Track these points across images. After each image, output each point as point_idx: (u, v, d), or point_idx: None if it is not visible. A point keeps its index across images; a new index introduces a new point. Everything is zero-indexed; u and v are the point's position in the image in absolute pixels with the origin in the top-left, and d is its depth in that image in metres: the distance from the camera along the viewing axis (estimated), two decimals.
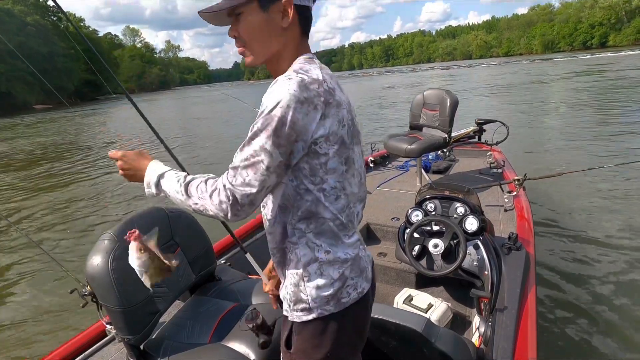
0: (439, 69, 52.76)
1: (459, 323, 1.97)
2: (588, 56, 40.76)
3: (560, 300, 2.58)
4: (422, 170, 3.39)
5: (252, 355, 1.29)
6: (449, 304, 1.94)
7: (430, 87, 3.53)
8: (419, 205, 2.10)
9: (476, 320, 1.70)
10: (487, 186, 2.99)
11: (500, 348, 1.35)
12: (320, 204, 0.81)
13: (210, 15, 0.81)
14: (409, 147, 3.07)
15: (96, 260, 1.26)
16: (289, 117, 0.71)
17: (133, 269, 1.32)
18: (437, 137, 3.22)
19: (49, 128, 19.89)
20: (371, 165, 3.93)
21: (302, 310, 0.86)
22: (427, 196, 2.11)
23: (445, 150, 3.89)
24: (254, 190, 0.76)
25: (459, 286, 2.16)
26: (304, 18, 0.84)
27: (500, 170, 3.36)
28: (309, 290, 0.85)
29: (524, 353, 1.33)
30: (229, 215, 0.79)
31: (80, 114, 28.68)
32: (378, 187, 3.42)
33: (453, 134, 3.65)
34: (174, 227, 1.53)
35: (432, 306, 1.87)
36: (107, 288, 1.24)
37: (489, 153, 3.65)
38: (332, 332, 0.86)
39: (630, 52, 36.86)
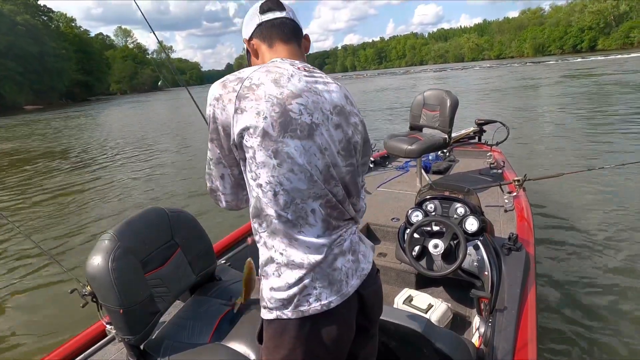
0: (432, 71, 52.63)
1: (459, 323, 1.97)
2: (579, 59, 40.98)
3: (560, 300, 2.58)
4: (422, 171, 3.39)
5: (252, 355, 1.29)
6: (449, 305, 1.94)
7: (430, 88, 3.53)
8: (419, 205, 2.09)
9: (476, 321, 1.70)
10: (487, 187, 2.99)
11: (500, 348, 1.35)
12: (261, 200, 0.83)
13: None
14: (409, 147, 3.07)
15: (96, 260, 1.25)
16: (212, 114, 0.83)
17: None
18: (437, 138, 3.22)
19: (46, 127, 19.90)
20: (371, 165, 3.93)
21: (264, 308, 0.87)
22: (427, 196, 2.11)
23: (445, 150, 3.90)
24: (209, 181, 0.95)
25: (459, 286, 2.16)
26: (264, 35, 0.93)
27: (500, 171, 3.37)
28: (266, 289, 0.86)
29: (524, 353, 1.33)
30: (215, 203, 0.98)
31: (71, 114, 28.25)
32: (378, 187, 3.42)
33: (453, 135, 3.66)
34: (174, 227, 1.53)
35: (432, 306, 1.87)
36: (107, 288, 1.24)
37: (489, 153, 3.66)
38: (291, 338, 0.85)
39: (619, 56, 37.17)
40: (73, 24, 70.97)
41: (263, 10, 0.94)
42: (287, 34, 0.93)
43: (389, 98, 19.07)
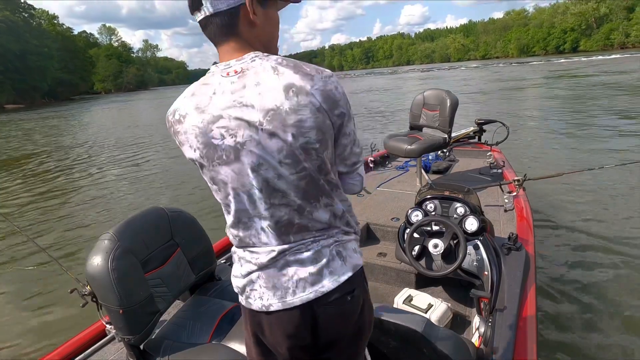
0: (420, 71, 52.33)
1: (459, 323, 1.97)
2: (562, 60, 41.38)
3: (560, 300, 2.58)
4: (422, 171, 3.39)
5: None
6: (449, 304, 1.94)
7: (430, 88, 3.53)
8: (419, 205, 2.09)
9: (476, 320, 1.70)
10: (487, 186, 2.99)
11: (500, 348, 1.35)
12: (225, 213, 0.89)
13: None
14: (409, 147, 3.07)
15: (96, 260, 1.26)
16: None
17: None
18: (437, 138, 3.22)
19: (16, 129, 19.87)
20: (371, 165, 3.93)
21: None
22: (427, 196, 2.11)
23: (445, 150, 3.90)
24: None
25: (459, 286, 2.17)
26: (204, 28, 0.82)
27: (500, 171, 3.37)
28: (232, 273, 0.93)
29: (524, 353, 1.34)
30: None
31: (54, 114, 27.44)
32: (378, 187, 3.42)
33: (453, 134, 3.66)
34: (174, 227, 1.53)
35: (432, 306, 1.87)
36: (107, 288, 1.24)
37: (489, 153, 3.66)
38: (244, 319, 0.95)
39: (601, 57, 37.82)
40: (55, 22, 68.91)
41: (190, 10, 0.82)
42: (217, 34, 0.81)
43: (377, 99, 18.95)
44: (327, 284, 0.84)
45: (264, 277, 0.85)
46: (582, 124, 8.37)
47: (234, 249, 0.92)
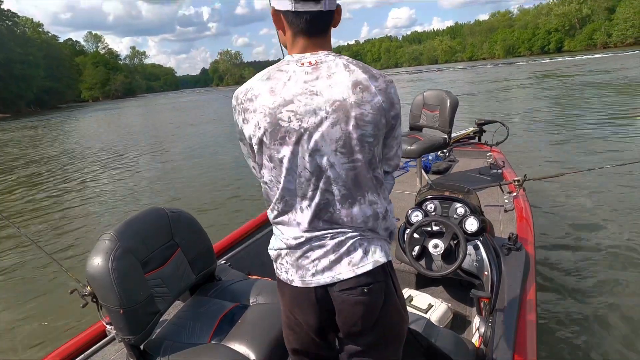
0: (408, 73, 52.07)
1: (459, 323, 1.97)
2: (547, 60, 41.84)
3: (560, 300, 2.58)
4: (422, 171, 3.39)
5: (252, 356, 1.29)
6: (449, 304, 1.94)
7: (430, 88, 3.54)
8: (419, 205, 2.09)
9: (476, 321, 1.70)
10: (487, 186, 2.99)
11: (500, 348, 1.35)
12: (268, 192, 0.96)
13: None
14: (409, 147, 3.07)
15: (96, 260, 1.26)
16: (235, 120, 0.93)
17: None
18: (437, 138, 3.22)
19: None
20: None
21: None
22: (427, 197, 2.11)
23: (445, 150, 3.90)
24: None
25: (459, 286, 2.16)
26: (291, 22, 0.88)
27: (500, 171, 3.36)
28: (270, 243, 1.03)
29: (524, 353, 1.34)
30: None
31: (41, 123, 27.04)
32: None
33: (453, 135, 3.66)
34: (174, 227, 1.53)
35: (432, 306, 1.87)
36: (107, 288, 1.24)
37: (489, 153, 3.65)
38: (278, 290, 1.04)
39: (585, 57, 38.39)
40: (40, 30, 66.75)
41: None
42: (315, 29, 0.88)
43: None
44: (345, 272, 0.91)
45: (290, 256, 0.95)
46: (582, 124, 8.36)
47: (272, 222, 1.00)
